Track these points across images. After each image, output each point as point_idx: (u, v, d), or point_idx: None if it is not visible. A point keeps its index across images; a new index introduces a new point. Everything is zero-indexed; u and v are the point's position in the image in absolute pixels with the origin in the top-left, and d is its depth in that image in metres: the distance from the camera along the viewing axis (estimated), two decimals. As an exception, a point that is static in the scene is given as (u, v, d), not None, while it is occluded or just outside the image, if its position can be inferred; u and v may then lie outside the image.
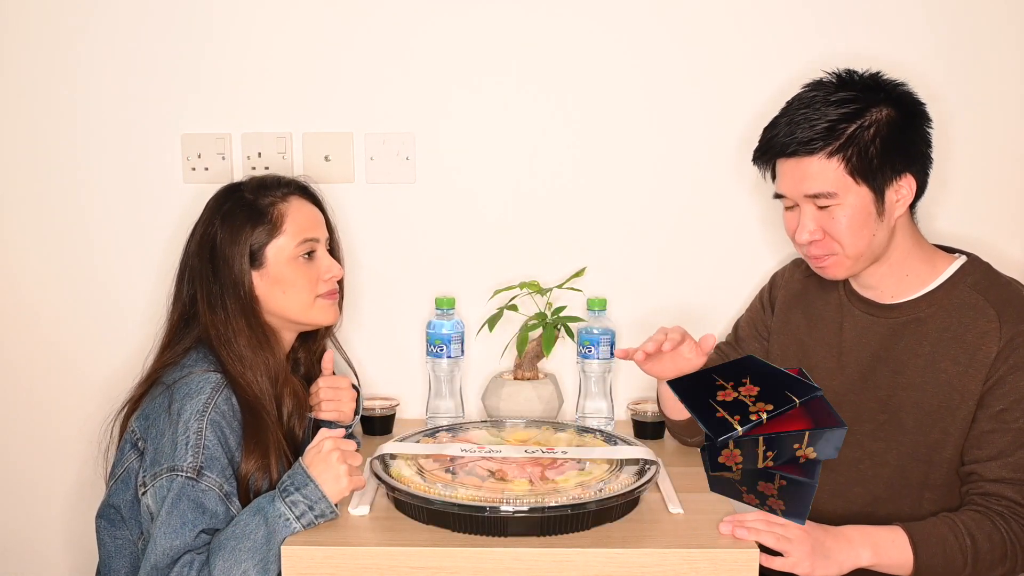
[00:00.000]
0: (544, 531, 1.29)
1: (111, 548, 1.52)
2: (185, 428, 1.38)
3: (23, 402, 1.92)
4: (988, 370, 1.39)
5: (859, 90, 1.42)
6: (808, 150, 1.41)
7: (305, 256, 1.53)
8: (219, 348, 1.47)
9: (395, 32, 1.80)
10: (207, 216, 1.53)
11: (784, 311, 1.65)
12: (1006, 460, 1.38)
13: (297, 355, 1.64)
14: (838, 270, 1.47)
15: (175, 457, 1.37)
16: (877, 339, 1.50)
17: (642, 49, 1.80)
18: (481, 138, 1.83)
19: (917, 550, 1.34)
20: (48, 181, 1.85)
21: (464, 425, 1.63)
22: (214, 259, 1.49)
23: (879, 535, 1.36)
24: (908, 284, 1.48)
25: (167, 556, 1.33)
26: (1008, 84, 1.78)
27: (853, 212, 1.41)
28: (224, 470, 1.38)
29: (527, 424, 1.63)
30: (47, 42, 1.81)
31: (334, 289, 1.57)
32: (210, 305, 1.49)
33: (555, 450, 1.47)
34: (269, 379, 1.48)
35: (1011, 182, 1.81)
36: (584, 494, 1.31)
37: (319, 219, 1.58)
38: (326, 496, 1.32)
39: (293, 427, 1.52)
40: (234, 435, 1.41)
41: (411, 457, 1.45)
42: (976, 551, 1.34)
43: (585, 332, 1.77)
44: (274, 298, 1.51)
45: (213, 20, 1.80)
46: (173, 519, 1.34)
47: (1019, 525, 1.36)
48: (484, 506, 1.28)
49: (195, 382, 1.42)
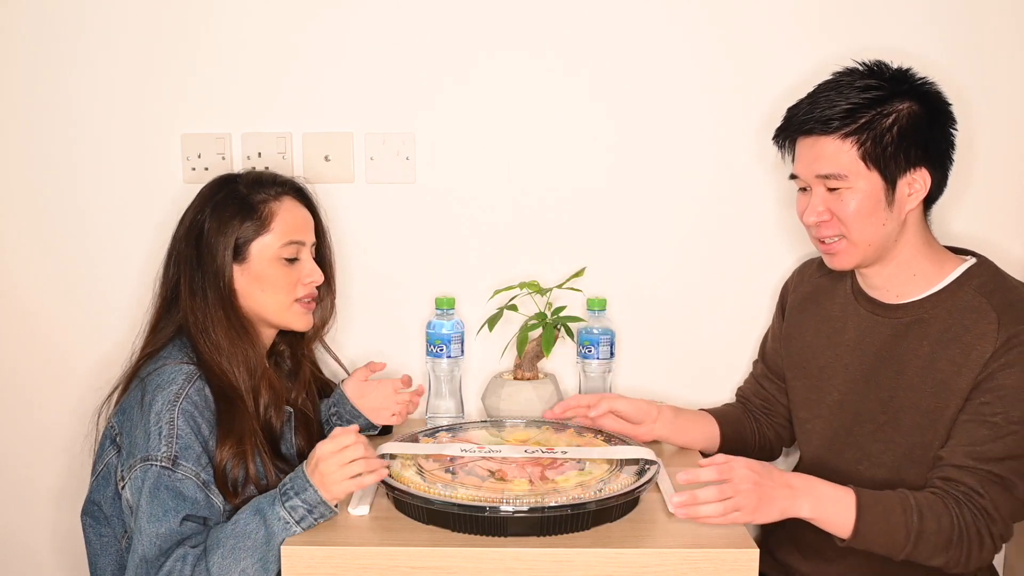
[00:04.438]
0: (544, 531, 1.29)
1: (97, 546, 1.52)
2: (157, 419, 1.38)
3: (18, 399, 1.92)
4: (981, 369, 1.38)
5: (887, 80, 1.43)
6: (824, 129, 1.42)
7: (288, 258, 1.53)
8: (196, 335, 1.47)
9: (395, 32, 1.80)
10: (199, 203, 1.54)
11: (795, 314, 1.65)
12: (975, 448, 1.37)
13: (280, 348, 1.64)
14: (845, 258, 1.47)
15: (148, 447, 1.37)
16: (881, 339, 1.49)
17: (642, 49, 1.80)
18: (481, 138, 1.83)
19: (860, 513, 1.32)
20: (48, 181, 1.85)
21: (464, 425, 1.63)
22: (199, 246, 1.50)
23: (825, 491, 1.33)
24: (915, 284, 1.48)
25: (154, 546, 1.33)
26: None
27: (862, 197, 1.41)
28: (199, 458, 1.38)
29: (527, 424, 1.63)
30: (47, 42, 1.81)
31: (312, 294, 1.57)
32: (191, 291, 1.50)
33: (555, 450, 1.47)
34: (247, 370, 1.48)
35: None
36: (584, 494, 1.31)
37: (309, 222, 1.58)
38: (325, 500, 1.32)
39: (270, 419, 1.51)
40: (207, 424, 1.41)
41: (411, 457, 1.45)
42: (921, 530, 1.32)
43: (585, 332, 1.77)
44: (252, 295, 1.52)
45: (213, 20, 1.80)
46: (155, 508, 1.34)
47: (971, 513, 1.34)
48: (484, 506, 1.28)
49: (167, 373, 1.43)
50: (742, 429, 1.68)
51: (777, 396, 1.69)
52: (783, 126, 1.50)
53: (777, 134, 1.52)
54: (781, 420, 1.70)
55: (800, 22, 1.77)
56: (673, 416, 1.63)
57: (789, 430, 1.69)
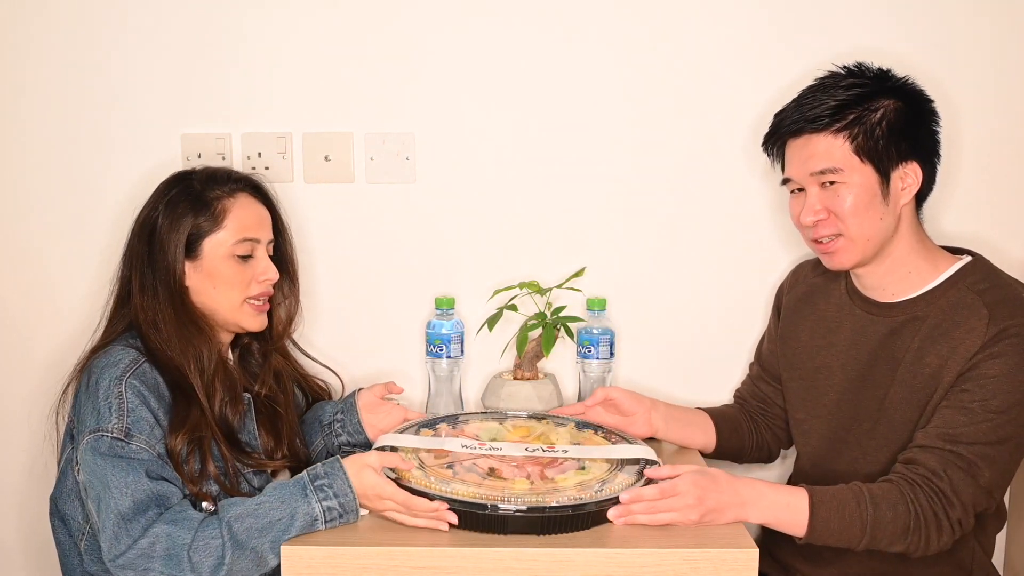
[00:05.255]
0: (544, 530, 1.29)
1: (66, 546, 1.51)
2: (106, 395, 1.37)
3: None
4: (967, 361, 1.38)
5: (870, 79, 1.45)
6: (815, 127, 1.43)
7: (241, 255, 1.52)
8: (147, 331, 1.46)
9: (395, 32, 1.80)
10: (153, 199, 1.53)
11: (790, 315, 1.66)
12: (946, 431, 1.37)
13: (244, 340, 1.62)
14: (845, 256, 1.47)
15: (99, 421, 1.36)
16: (876, 338, 1.50)
17: (641, 54, 1.80)
18: (481, 138, 1.83)
19: (813, 511, 1.34)
20: (48, 180, 1.85)
21: (464, 416, 1.63)
22: (151, 243, 1.49)
23: (774, 497, 1.35)
24: (910, 282, 1.48)
25: (127, 497, 1.31)
26: (1016, 83, 1.77)
27: (858, 191, 1.42)
28: (153, 430, 1.37)
29: (528, 416, 1.63)
30: (47, 42, 1.81)
31: (265, 293, 1.56)
32: (142, 288, 1.49)
33: (556, 448, 1.47)
34: (198, 368, 1.46)
35: (1017, 181, 1.81)
36: (583, 494, 1.31)
37: (265, 219, 1.57)
38: (358, 508, 1.33)
39: (226, 414, 1.49)
40: (158, 403, 1.40)
41: (411, 451, 1.45)
42: (877, 520, 1.33)
43: (585, 332, 1.77)
44: (204, 292, 1.51)
45: (213, 20, 1.80)
46: (116, 465, 1.32)
47: (927, 497, 1.34)
48: (485, 503, 1.28)
49: (113, 354, 1.42)
50: (739, 429, 1.68)
51: (773, 397, 1.69)
52: (771, 131, 1.52)
53: (766, 140, 1.53)
54: (778, 422, 1.70)
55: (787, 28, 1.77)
56: (668, 410, 1.63)
57: (786, 431, 1.70)
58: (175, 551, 1.28)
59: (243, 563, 1.29)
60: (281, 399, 1.61)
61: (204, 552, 1.28)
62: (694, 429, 1.65)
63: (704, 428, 1.66)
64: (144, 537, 1.29)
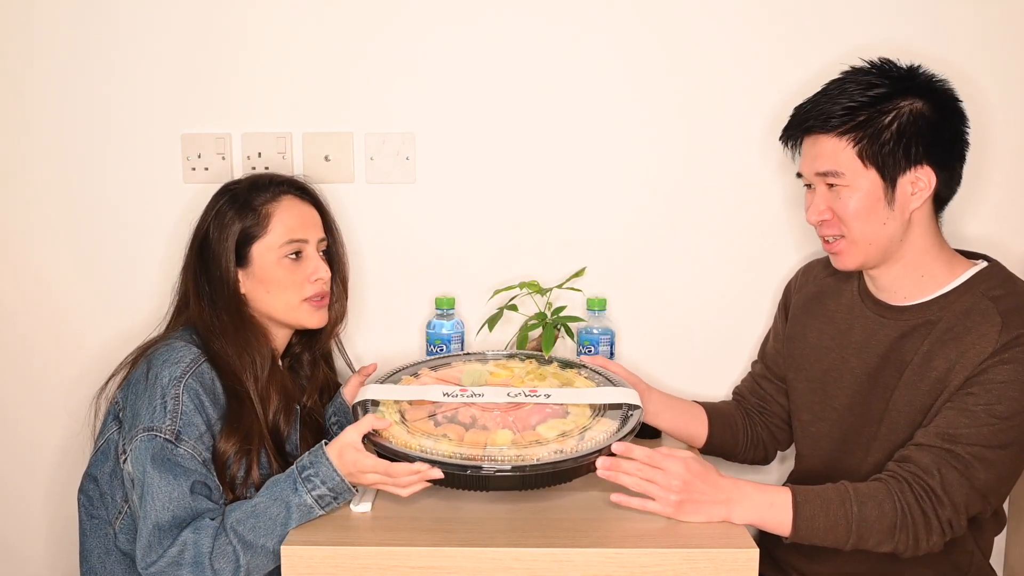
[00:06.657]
0: (526, 486, 1.31)
1: (87, 526, 1.53)
2: (163, 392, 1.39)
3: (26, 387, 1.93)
4: (976, 367, 1.36)
5: (892, 79, 1.42)
6: (824, 128, 1.42)
7: (292, 256, 1.53)
8: (207, 337, 1.49)
9: (395, 32, 1.80)
10: (204, 213, 1.56)
11: (799, 315, 1.64)
12: (943, 431, 1.35)
13: (295, 349, 1.64)
14: (848, 257, 1.46)
15: (153, 419, 1.38)
16: (886, 341, 1.48)
17: (643, 50, 1.80)
18: (481, 138, 1.83)
19: (797, 511, 1.33)
20: (48, 180, 1.85)
21: (446, 358, 1.63)
22: (204, 255, 1.52)
23: (759, 498, 1.35)
24: (923, 285, 1.46)
25: (167, 511, 1.34)
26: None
27: (861, 196, 1.41)
28: (202, 437, 1.40)
29: (510, 357, 1.62)
30: (46, 42, 1.81)
31: (322, 292, 1.57)
32: (199, 299, 1.52)
33: (538, 393, 1.46)
34: (254, 377, 1.49)
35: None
36: (565, 445, 1.33)
37: (312, 219, 1.58)
38: (349, 487, 1.35)
39: (279, 423, 1.52)
40: (214, 408, 1.43)
41: (394, 403, 1.45)
42: (862, 519, 1.32)
43: (585, 332, 1.77)
44: (260, 297, 1.53)
45: (213, 20, 1.80)
46: (164, 475, 1.36)
47: (915, 495, 1.33)
48: (466, 465, 1.29)
49: (176, 349, 1.44)
50: (733, 425, 1.67)
51: (775, 397, 1.69)
52: (789, 125, 1.51)
53: (784, 133, 1.52)
54: (777, 421, 1.69)
55: (807, 21, 1.77)
56: (662, 398, 1.63)
57: (786, 432, 1.69)
58: (200, 559, 1.33)
59: (258, 560, 1.34)
60: (320, 408, 1.65)
61: (223, 559, 1.33)
62: (688, 419, 1.65)
63: (697, 419, 1.65)
64: (173, 546, 1.34)
